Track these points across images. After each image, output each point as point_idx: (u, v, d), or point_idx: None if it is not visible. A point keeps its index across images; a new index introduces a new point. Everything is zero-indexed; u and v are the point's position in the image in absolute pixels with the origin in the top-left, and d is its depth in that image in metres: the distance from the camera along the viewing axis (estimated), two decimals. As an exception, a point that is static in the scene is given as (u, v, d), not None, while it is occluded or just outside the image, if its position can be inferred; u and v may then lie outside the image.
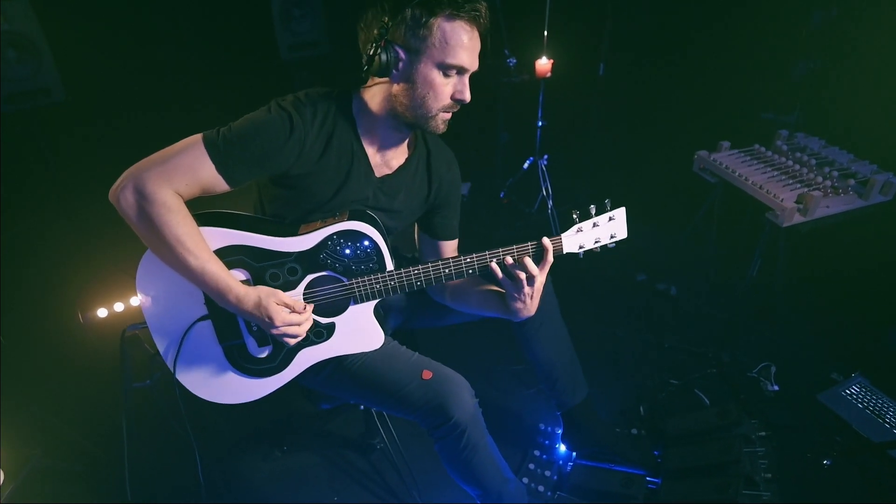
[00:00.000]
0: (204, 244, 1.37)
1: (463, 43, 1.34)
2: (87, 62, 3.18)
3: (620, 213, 1.52)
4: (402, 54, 1.35)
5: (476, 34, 1.37)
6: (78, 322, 2.63)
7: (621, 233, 1.54)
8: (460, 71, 1.38)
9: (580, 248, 1.52)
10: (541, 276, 1.46)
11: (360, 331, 1.55)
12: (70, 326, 2.63)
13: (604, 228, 1.52)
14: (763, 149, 2.58)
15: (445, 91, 1.39)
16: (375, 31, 1.35)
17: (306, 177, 1.45)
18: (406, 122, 1.44)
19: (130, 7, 3.35)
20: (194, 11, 3.64)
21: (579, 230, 1.50)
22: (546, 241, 1.45)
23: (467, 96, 1.41)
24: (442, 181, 1.67)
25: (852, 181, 2.30)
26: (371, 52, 1.34)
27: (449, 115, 1.45)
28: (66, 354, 2.58)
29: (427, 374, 1.51)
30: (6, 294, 2.47)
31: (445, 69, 1.36)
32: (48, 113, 3.06)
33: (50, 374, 2.49)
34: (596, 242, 1.53)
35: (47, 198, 3.16)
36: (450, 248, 1.77)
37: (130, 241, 1.45)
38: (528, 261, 1.44)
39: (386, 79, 1.39)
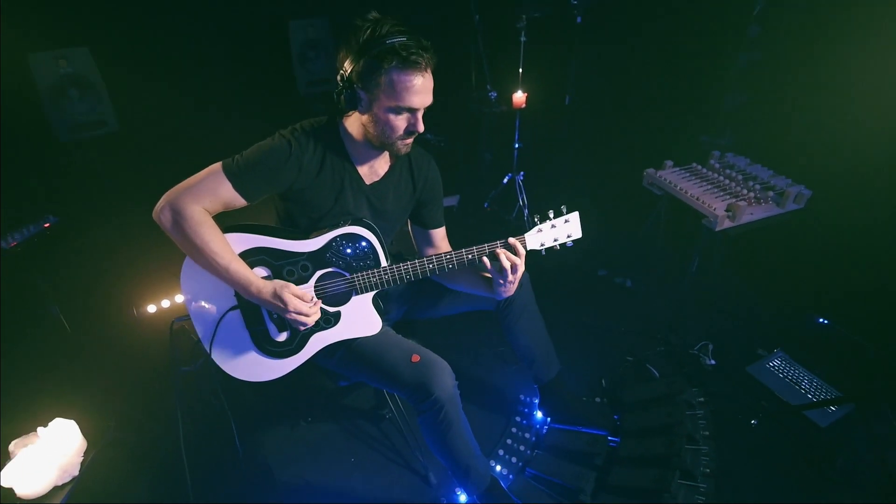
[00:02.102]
0: (228, 248, 1.42)
1: (410, 88, 1.34)
2: (137, 98, 3.19)
3: (574, 217, 1.55)
4: (361, 95, 1.38)
5: (424, 77, 1.36)
6: (133, 316, 2.66)
7: (576, 233, 1.56)
8: (410, 110, 1.39)
9: (541, 245, 1.55)
10: (521, 266, 1.50)
11: (361, 318, 1.59)
12: (126, 321, 2.66)
13: (561, 229, 1.55)
14: (699, 167, 2.63)
15: (399, 125, 1.41)
16: (338, 74, 1.40)
17: (308, 190, 1.49)
18: (375, 145, 1.48)
19: (173, 52, 3.37)
20: (227, 55, 3.66)
21: (539, 230, 1.54)
22: (512, 239, 1.50)
23: (420, 128, 1.43)
24: (427, 179, 1.70)
25: (772, 193, 2.35)
26: (336, 91, 1.40)
27: (409, 140, 1.47)
28: (124, 343, 2.59)
29: (415, 358, 1.54)
30: (73, 294, 2.49)
31: (397, 111, 1.38)
32: (104, 141, 3.08)
33: (114, 360, 2.51)
34: (555, 241, 1.56)
35: (103, 212, 3.18)
36: (439, 234, 1.79)
37: (174, 249, 1.49)
38: (506, 253, 1.48)
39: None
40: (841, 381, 2.30)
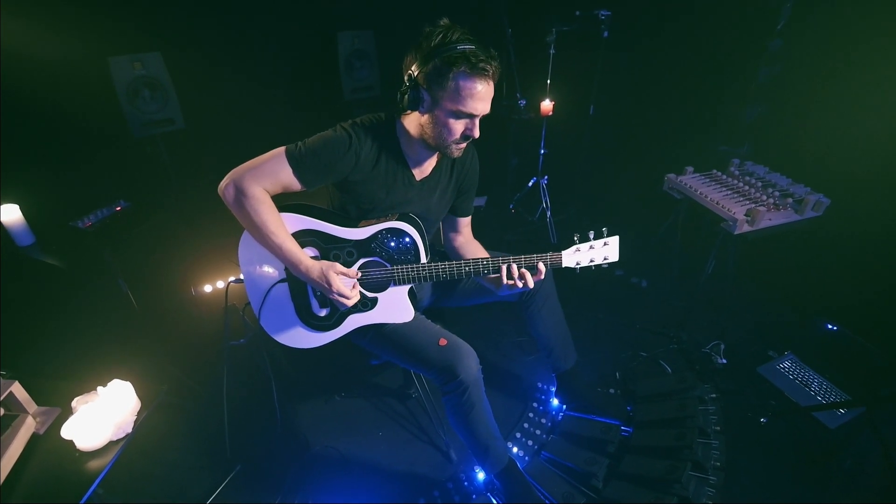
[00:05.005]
0: (283, 227, 1.41)
1: (474, 94, 1.29)
2: (202, 99, 3.23)
3: (614, 241, 1.48)
4: (425, 96, 1.32)
5: (488, 85, 1.30)
6: (191, 295, 2.70)
7: (613, 256, 1.49)
8: (470, 116, 1.34)
9: (577, 264, 1.49)
10: (530, 284, 1.45)
11: (395, 306, 1.56)
12: (185, 297, 2.70)
13: (598, 251, 1.48)
14: (719, 173, 2.52)
15: (457, 129, 1.35)
16: (406, 74, 1.34)
17: (363, 182, 1.46)
18: (430, 145, 1.42)
19: (233, 58, 3.41)
20: (281, 62, 3.70)
21: (577, 250, 1.47)
22: (541, 264, 1.45)
23: (476, 134, 1.37)
24: (468, 171, 1.64)
25: (790, 200, 2.23)
26: (401, 90, 1.34)
27: (463, 145, 1.41)
28: (182, 318, 2.63)
29: (443, 342, 1.51)
30: (140, 275, 2.54)
31: (458, 115, 1.32)
32: (171, 136, 3.12)
33: (171, 331, 2.55)
34: (591, 261, 1.49)
35: (168, 200, 3.23)
36: (464, 222, 1.75)
37: (230, 235, 1.49)
38: (527, 274, 1.44)
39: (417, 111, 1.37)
40: (850, 385, 2.18)
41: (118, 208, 2.51)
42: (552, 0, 3.22)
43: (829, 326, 2.50)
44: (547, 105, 3.16)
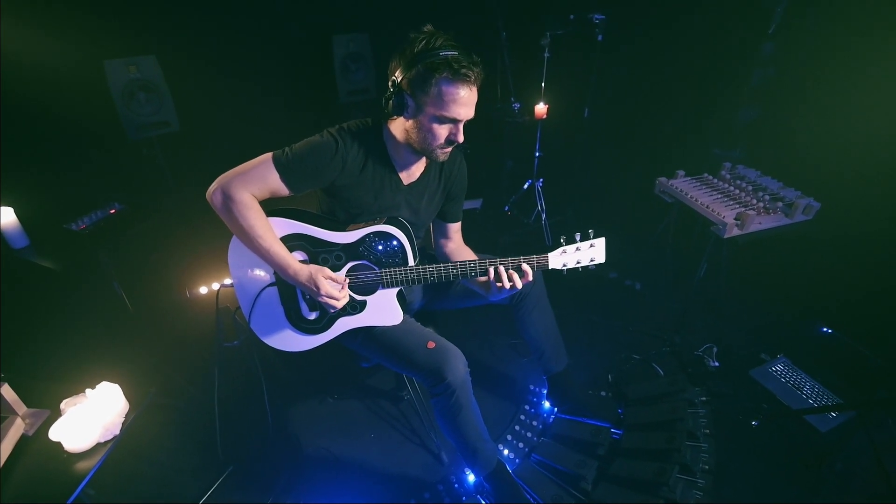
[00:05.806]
0: (271, 232, 1.42)
1: (457, 100, 1.30)
2: (197, 102, 3.25)
3: (600, 242, 1.48)
4: (409, 101, 1.34)
5: (470, 91, 1.32)
6: (185, 296, 2.71)
7: (600, 257, 1.49)
8: (454, 121, 1.35)
9: (563, 265, 1.49)
10: (518, 286, 1.46)
11: (385, 309, 1.57)
12: (179, 299, 2.71)
13: (585, 252, 1.48)
14: (710, 177, 2.53)
15: (442, 134, 1.37)
16: (390, 80, 1.36)
17: (350, 187, 1.47)
18: (416, 150, 1.44)
19: (229, 62, 3.42)
20: (277, 64, 3.71)
21: (564, 252, 1.48)
22: (525, 265, 1.45)
23: (460, 139, 1.38)
24: (455, 177, 1.66)
25: (780, 203, 2.24)
26: (386, 96, 1.36)
27: (448, 149, 1.43)
28: (176, 320, 2.63)
29: (431, 345, 1.52)
30: (135, 277, 2.55)
31: (441, 120, 1.34)
32: (167, 139, 3.14)
33: (165, 333, 2.55)
34: (577, 263, 1.49)
35: (164, 202, 3.24)
36: (454, 227, 1.76)
37: (225, 237, 1.50)
38: (515, 275, 1.45)
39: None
40: (842, 388, 2.18)
41: (112, 210, 2.52)
42: (547, 3, 3.25)
43: (824, 329, 2.51)
44: (541, 108, 3.17)
